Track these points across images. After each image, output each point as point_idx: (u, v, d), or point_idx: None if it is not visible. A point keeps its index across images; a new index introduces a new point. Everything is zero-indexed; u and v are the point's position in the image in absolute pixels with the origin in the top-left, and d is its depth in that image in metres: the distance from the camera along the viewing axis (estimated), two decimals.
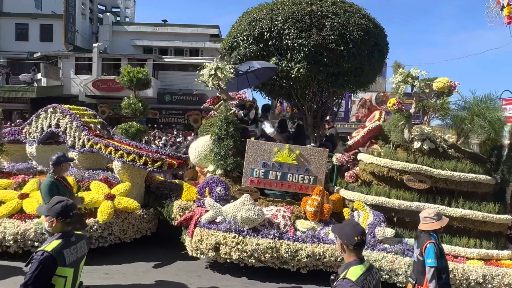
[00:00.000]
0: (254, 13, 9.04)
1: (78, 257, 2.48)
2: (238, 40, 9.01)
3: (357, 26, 8.54)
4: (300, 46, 8.35)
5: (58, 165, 4.36)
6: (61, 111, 6.56)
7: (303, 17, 8.40)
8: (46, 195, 4.08)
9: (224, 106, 6.32)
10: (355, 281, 2.02)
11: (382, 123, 6.99)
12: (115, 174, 6.22)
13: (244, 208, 5.10)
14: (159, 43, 25.13)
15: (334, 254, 4.93)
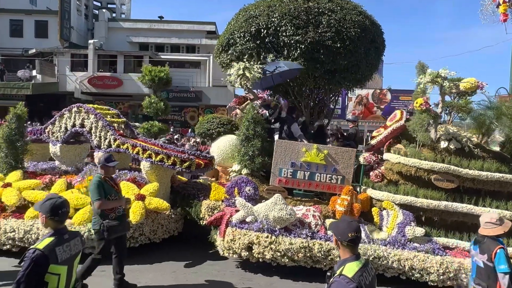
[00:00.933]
0: (251, 9, 9.01)
1: (72, 255, 2.48)
2: (235, 37, 8.98)
3: (354, 23, 8.54)
4: (296, 43, 8.33)
5: (106, 165, 4.36)
6: (86, 111, 6.52)
7: (299, 14, 8.39)
8: (93, 193, 4.12)
9: (251, 106, 6.31)
10: (351, 277, 2.03)
11: (406, 123, 7.01)
12: (142, 174, 6.21)
13: (276, 208, 5.13)
14: (155, 39, 25.01)
15: (366, 253, 4.95)
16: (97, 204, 4.10)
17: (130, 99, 24.25)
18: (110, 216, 4.17)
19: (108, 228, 4.08)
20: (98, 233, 4.18)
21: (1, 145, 6.20)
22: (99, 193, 4.12)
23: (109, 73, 22.89)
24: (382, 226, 5.47)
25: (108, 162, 4.38)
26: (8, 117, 6.36)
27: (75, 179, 6.10)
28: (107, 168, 4.39)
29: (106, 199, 4.17)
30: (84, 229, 5.17)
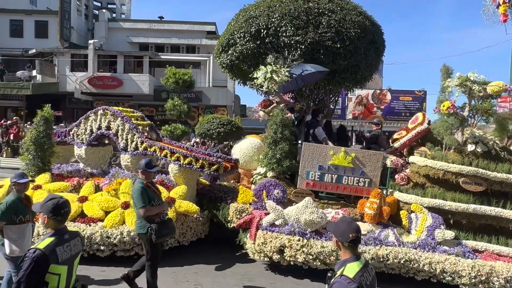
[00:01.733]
0: (251, 10, 9.02)
1: (72, 255, 2.48)
2: (235, 37, 8.99)
3: (354, 23, 8.55)
4: (296, 43, 8.34)
5: (147, 170, 4.31)
6: (112, 113, 6.52)
7: (299, 15, 8.40)
8: (138, 200, 4.10)
9: (279, 109, 6.32)
10: (352, 278, 2.03)
11: (430, 126, 7.07)
12: (169, 177, 6.21)
13: (307, 211, 5.16)
14: (155, 40, 25.01)
15: (398, 256, 4.95)
16: (142, 211, 4.08)
17: (130, 99, 24.24)
18: (156, 221, 4.16)
19: (155, 232, 4.06)
20: (145, 237, 4.12)
21: (30, 147, 6.22)
22: (143, 200, 4.08)
23: (109, 73, 22.88)
24: (411, 229, 5.47)
25: (149, 168, 4.33)
26: (35, 120, 6.39)
27: (103, 181, 6.10)
28: (148, 174, 4.32)
29: (150, 205, 4.14)
30: (116, 232, 5.16)
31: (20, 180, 3.97)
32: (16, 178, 3.98)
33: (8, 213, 3.79)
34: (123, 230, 5.19)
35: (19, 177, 4.01)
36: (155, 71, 24.38)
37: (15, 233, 3.83)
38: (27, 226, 3.95)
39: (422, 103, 21.80)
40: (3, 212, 3.77)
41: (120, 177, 6.03)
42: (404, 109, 21.80)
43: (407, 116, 21.84)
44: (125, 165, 6.44)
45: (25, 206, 3.96)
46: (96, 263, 5.22)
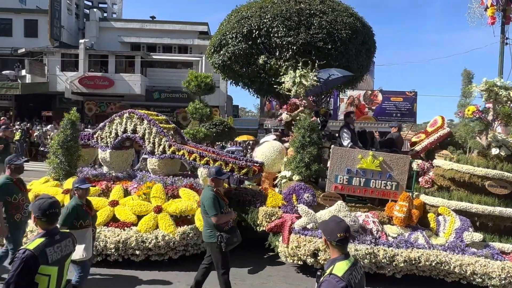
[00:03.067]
0: (243, 10, 9.05)
1: (63, 256, 2.46)
2: (227, 38, 9.00)
3: (345, 25, 8.63)
4: (288, 44, 8.39)
5: (217, 178, 4.28)
6: (138, 117, 6.44)
7: (291, 16, 8.45)
8: (210, 208, 4.05)
9: (307, 113, 6.37)
10: (341, 276, 2.05)
11: (452, 130, 7.16)
12: (198, 180, 6.19)
13: (340, 215, 5.14)
14: (147, 39, 24.87)
15: (429, 258, 4.99)
16: (214, 220, 4.04)
17: (121, 100, 24.07)
18: (224, 229, 4.15)
19: (226, 240, 4.05)
20: (215, 246, 4.11)
21: (57, 151, 6.14)
22: (215, 208, 4.05)
23: (100, 73, 22.69)
24: (439, 232, 5.54)
25: (219, 175, 4.29)
26: (62, 123, 6.32)
27: (131, 185, 6.04)
28: (218, 181, 4.30)
29: (220, 212, 4.11)
30: (151, 237, 5.11)
31: (82, 185, 3.95)
32: (78, 184, 3.96)
33: (70, 218, 3.78)
34: (158, 235, 5.15)
35: (81, 183, 3.99)
36: (146, 71, 24.24)
37: (77, 238, 3.73)
38: (87, 230, 3.94)
39: (413, 104, 22.04)
40: (65, 217, 3.76)
41: (148, 181, 5.99)
42: (395, 110, 22.02)
43: (398, 117, 22.04)
44: (152, 168, 6.39)
45: (86, 211, 3.97)
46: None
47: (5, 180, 4.34)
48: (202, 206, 4.18)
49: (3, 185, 4.29)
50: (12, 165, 4.39)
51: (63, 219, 3.75)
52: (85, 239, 3.89)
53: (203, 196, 4.19)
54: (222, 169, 4.44)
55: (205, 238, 4.20)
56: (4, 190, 4.28)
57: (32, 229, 5.07)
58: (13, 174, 4.41)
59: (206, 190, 4.24)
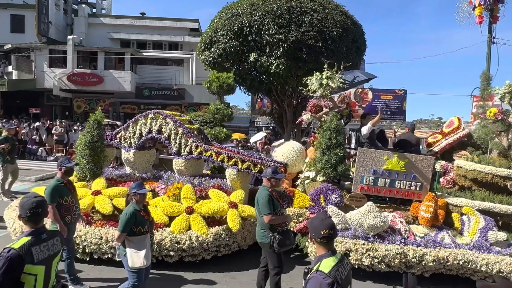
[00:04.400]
0: (234, 8, 9.02)
1: (50, 255, 2.43)
2: (218, 35, 8.96)
3: (336, 23, 8.66)
4: (279, 42, 8.39)
5: (274, 177, 4.23)
6: (163, 117, 6.41)
7: (282, 13, 8.45)
8: (264, 207, 4.04)
9: (333, 115, 6.40)
10: (327, 273, 2.06)
11: (470, 131, 7.29)
12: (224, 181, 6.18)
13: (370, 216, 5.27)
14: (137, 36, 24.60)
15: (457, 257, 5.08)
16: (267, 218, 4.02)
17: (111, 97, 23.80)
18: (278, 230, 4.12)
19: (279, 241, 4.02)
20: (268, 246, 4.10)
21: (84, 151, 6.07)
22: (269, 207, 4.02)
23: (89, 70, 22.38)
24: (463, 231, 5.63)
25: (276, 174, 4.24)
26: (88, 124, 6.24)
27: (158, 186, 6.01)
28: (275, 181, 4.26)
29: (274, 213, 4.08)
30: (185, 238, 5.09)
31: (140, 190, 3.82)
32: (136, 188, 3.82)
33: (129, 224, 3.68)
34: (191, 236, 5.14)
35: (139, 187, 3.84)
36: (136, 68, 24.00)
37: (136, 244, 3.71)
38: (146, 237, 3.83)
39: (403, 102, 22.23)
40: (125, 224, 3.66)
41: (175, 181, 5.97)
42: (385, 108, 22.16)
43: (388, 115, 22.23)
44: (178, 169, 6.37)
45: (144, 217, 3.84)
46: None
47: (56, 182, 4.36)
48: (256, 205, 4.17)
49: (55, 187, 4.31)
50: (63, 167, 4.40)
51: (123, 225, 3.64)
52: (144, 246, 3.76)
53: (258, 195, 4.17)
54: (278, 170, 4.37)
55: (258, 238, 4.21)
56: (56, 192, 4.30)
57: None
58: (64, 176, 4.44)
59: (262, 189, 4.19)
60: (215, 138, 7.65)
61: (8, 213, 5.84)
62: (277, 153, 7.37)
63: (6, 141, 8.19)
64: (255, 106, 23.01)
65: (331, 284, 2.01)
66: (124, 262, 3.77)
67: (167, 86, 23.53)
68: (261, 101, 20.97)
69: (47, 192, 4.25)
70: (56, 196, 4.27)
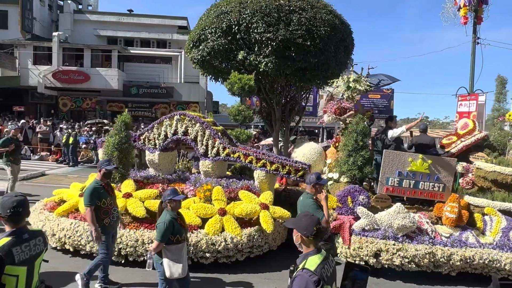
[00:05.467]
0: (222, 5, 8.96)
1: (32, 255, 2.37)
2: (206, 33, 8.90)
3: (324, 22, 8.69)
4: (268, 40, 8.38)
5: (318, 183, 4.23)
6: (190, 119, 6.41)
7: (271, 11, 8.43)
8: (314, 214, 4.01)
9: (360, 118, 6.48)
10: (313, 270, 2.07)
11: (487, 133, 7.52)
12: (252, 182, 6.19)
13: (399, 216, 5.40)
14: (124, 33, 24.28)
15: (482, 257, 5.22)
16: None
17: (98, 95, 23.46)
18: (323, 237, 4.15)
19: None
20: None
21: (113, 153, 6.00)
22: (318, 214, 4.04)
23: (75, 68, 22.01)
24: (486, 231, 5.79)
25: (320, 180, 4.24)
26: (116, 126, 6.19)
27: (186, 187, 5.99)
28: (319, 187, 4.26)
29: None
30: (220, 239, 5.10)
31: (176, 197, 3.71)
32: (172, 195, 3.68)
33: (168, 233, 3.57)
34: (226, 237, 5.17)
35: (174, 194, 3.72)
36: (124, 66, 23.70)
37: (174, 253, 3.60)
38: (183, 246, 3.74)
39: (390, 101, 22.53)
40: (163, 233, 3.54)
41: (204, 183, 5.97)
42: (373, 106, 22.46)
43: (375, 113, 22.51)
44: (205, 171, 6.38)
45: (181, 224, 3.74)
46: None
47: (95, 185, 4.30)
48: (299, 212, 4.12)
49: (94, 190, 4.25)
50: (103, 169, 4.35)
51: (161, 234, 3.52)
52: (182, 256, 3.66)
53: (302, 203, 4.14)
54: (322, 176, 4.37)
55: None
56: (95, 195, 4.23)
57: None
58: (103, 179, 4.39)
59: (306, 197, 4.16)
60: (237, 140, 7.70)
61: (32, 216, 5.78)
62: (297, 154, 7.41)
63: (10, 142, 8.14)
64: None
65: (317, 281, 2.02)
66: (159, 271, 3.67)
67: (155, 84, 23.29)
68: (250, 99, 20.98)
69: (86, 195, 4.19)
70: (94, 198, 4.21)
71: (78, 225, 5.25)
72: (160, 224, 3.56)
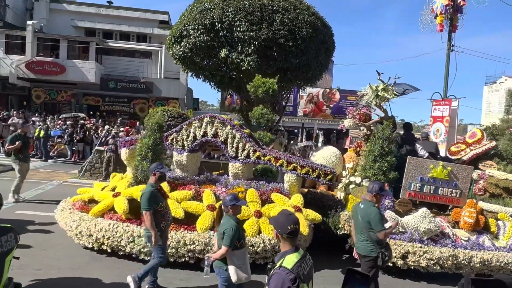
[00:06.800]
0: (205, 2, 8.90)
1: (4, 251, 2.30)
2: (188, 29, 8.82)
3: (306, 23, 8.79)
4: (250, 39, 8.40)
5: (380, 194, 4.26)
6: (220, 121, 6.48)
7: (254, 10, 8.45)
8: (378, 224, 4.07)
9: (386, 125, 6.71)
10: (290, 268, 2.10)
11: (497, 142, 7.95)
12: (281, 185, 6.31)
13: (425, 220, 5.70)
14: (103, 25, 23.65)
15: (499, 259, 5.54)
16: (381, 235, 4.05)
17: (74, 88, 22.76)
18: (383, 244, 4.16)
19: (387, 258, 4.09)
20: (372, 260, 4.14)
21: (147, 154, 5.98)
22: (382, 224, 4.10)
23: (51, 59, 21.26)
24: (499, 235, 6.14)
25: (382, 191, 4.28)
26: (150, 126, 6.15)
27: (218, 189, 6.02)
28: (380, 197, 4.31)
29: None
30: (259, 241, 5.18)
31: (239, 202, 3.71)
32: (234, 201, 3.68)
33: (235, 239, 3.54)
34: (264, 239, 5.24)
35: (236, 200, 3.72)
36: (102, 59, 23.09)
37: (239, 258, 3.59)
38: (246, 250, 3.77)
39: None
40: (231, 239, 3.50)
41: (236, 185, 6.09)
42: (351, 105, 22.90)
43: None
44: (234, 173, 6.42)
45: (242, 229, 3.79)
46: None
47: (152, 189, 4.27)
48: (365, 222, 4.17)
49: (152, 194, 4.22)
50: (158, 172, 4.35)
51: (230, 240, 3.47)
52: (246, 260, 3.68)
53: (368, 212, 4.16)
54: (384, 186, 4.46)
55: (363, 251, 4.23)
56: (153, 199, 4.22)
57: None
58: (157, 182, 4.39)
59: (369, 205, 4.21)
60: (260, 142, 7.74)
61: (61, 216, 5.73)
62: (317, 157, 7.59)
63: (18, 139, 7.83)
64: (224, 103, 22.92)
65: (293, 280, 2.05)
66: (222, 277, 3.66)
67: (134, 79, 22.84)
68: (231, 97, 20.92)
69: (144, 199, 4.16)
70: (152, 203, 4.19)
71: (117, 226, 5.24)
72: (228, 229, 3.54)
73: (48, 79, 21.33)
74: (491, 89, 40.97)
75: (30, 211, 7.18)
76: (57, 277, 4.56)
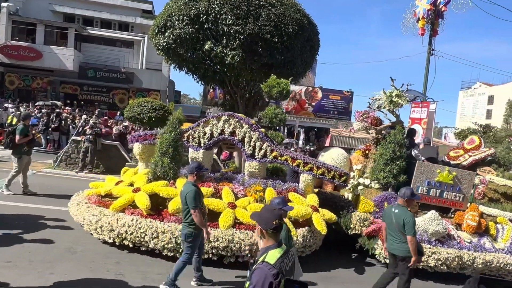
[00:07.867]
0: None
1: None
2: (173, 20, 8.65)
3: (292, 20, 8.79)
4: (236, 33, 8.32)
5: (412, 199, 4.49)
6: (238, 120, 6.54)
7: (240, 4, 8.38)
8: (412, 227, 4.25)
9: (398, 129, 6.90)
10: (273, 264, 2.11)
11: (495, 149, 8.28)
12: (296, 185, 6.37)
13: (434, 223, 5.89)
14: (83, 12, 22.90)
15: (499, 260, 5.81)
16: (411, 239, 4.26)
17: (50, 75, 21.98)
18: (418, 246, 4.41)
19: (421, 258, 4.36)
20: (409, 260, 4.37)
21: (168, 150, 5.95)
22: (415, 228, 4.30)
23: (26, 43, 20.43)
24: (498, 238, 6.41)
25: (414, 196, 4.48)
26: (170, 123, 6.13)
27: (235, 187, 6.05)
28: (411, 202, 4.53)
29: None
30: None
31: (286, 207, 3.74)
32: (282, 205, 3.71)
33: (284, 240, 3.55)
34: (400, 254, 5.34)
35: (284, 204, 3.77)
36: (81, 46, 22.40)
37: None
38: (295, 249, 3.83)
39: (349, 103, 23.36)
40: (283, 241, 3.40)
41: (253, 183, 6.12)
42: (333, 107, 23.15)
43: (335, 114, 23.21)
44: (251, 171, 6.47)
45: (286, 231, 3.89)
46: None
47: (195, 188, 4.36)
48: (400, 226, 4.34)
49: (197, 192, 4.33)
50: (199, 172, 4.47)
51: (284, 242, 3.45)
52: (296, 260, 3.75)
53: (402, 215, 4.34)
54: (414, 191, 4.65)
55: (402, 253, 4.43)
56: (199, 197, 4.35)
57: None
58: (197, 181, 4.52)
59: (402, 210, 4.41)
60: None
61: (78, 210, 5.65)
62: (325, 158, 7.78)
63: (28, 131, 7.56)
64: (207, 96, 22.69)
65: (275, 275, 2.06)
66: None
67: (114, 68, 22.29)
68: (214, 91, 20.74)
69: (190, 198, 4.24)
70: (198, 201, 4.30)
71: (140, 221, 5.20)
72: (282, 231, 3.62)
73: (23, 64, 20.52)
74: (466, 94, 42.55)
75: (4, 201, 6.90)
76: None
